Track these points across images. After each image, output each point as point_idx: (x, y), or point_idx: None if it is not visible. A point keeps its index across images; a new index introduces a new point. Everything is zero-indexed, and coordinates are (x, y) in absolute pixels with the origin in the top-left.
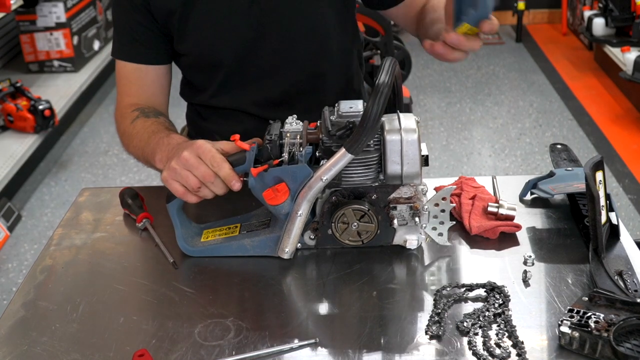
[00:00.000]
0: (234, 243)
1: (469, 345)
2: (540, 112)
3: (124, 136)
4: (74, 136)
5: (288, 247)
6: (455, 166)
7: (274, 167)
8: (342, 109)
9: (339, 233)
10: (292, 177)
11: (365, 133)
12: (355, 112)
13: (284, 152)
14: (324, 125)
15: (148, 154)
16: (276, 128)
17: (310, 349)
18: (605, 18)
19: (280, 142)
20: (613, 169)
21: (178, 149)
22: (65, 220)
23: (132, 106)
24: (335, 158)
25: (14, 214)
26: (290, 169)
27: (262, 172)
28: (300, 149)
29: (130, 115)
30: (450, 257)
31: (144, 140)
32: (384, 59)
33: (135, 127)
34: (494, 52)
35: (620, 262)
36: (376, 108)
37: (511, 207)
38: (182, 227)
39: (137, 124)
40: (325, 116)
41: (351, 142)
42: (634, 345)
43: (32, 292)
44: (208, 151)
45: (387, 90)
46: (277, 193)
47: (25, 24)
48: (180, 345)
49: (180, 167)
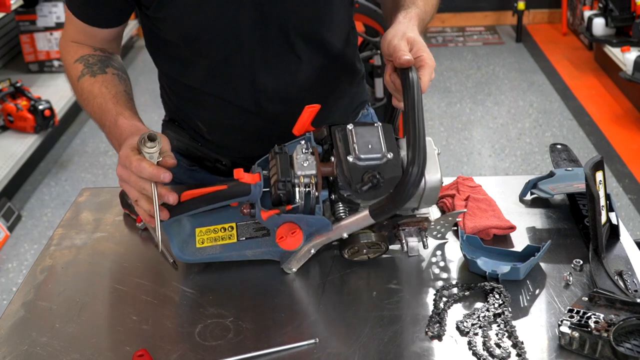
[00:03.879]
0: (234, 254)
1: (469, 345)
2: (540, 112)
3: (72, 87)
4: (74, 136)
5: (295, 267)
6: (455, 166)
7: (288, 213)
8: (361, 150)
9: (347, 255)
10: (307, 223)
11: (394, 208)
12: (376, 159)
13: (297, 197)
14: (341, 169)
15: (106, 134)
16: (284, 162)
17: (310, 349)
18: (605, 18)
19: (292, 182)
20: (613, 169)
21: (119, 157)
22: (65, 220)
23: (77, 50)
24: (358, 217)
25: (14, 214)
26: (308, 219)
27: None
28: (315, 193)
29: (75, 69)
30: (449, 257)
31: (95, 113)
32: (407, 135)
33: (82, 87)
34: (494, 52)
35: (620, 262)
36: (409, 192)
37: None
38: (176, 236)
39: (83, 84)
40: (340, 155)
41: (378, 212)
42: (634, 345)
43: (32, 292)
44: (125, 158)
45: (420, 178)
46: (292, 238)
47: (25, 24)
48: (180, 345)
49: (121, 181)
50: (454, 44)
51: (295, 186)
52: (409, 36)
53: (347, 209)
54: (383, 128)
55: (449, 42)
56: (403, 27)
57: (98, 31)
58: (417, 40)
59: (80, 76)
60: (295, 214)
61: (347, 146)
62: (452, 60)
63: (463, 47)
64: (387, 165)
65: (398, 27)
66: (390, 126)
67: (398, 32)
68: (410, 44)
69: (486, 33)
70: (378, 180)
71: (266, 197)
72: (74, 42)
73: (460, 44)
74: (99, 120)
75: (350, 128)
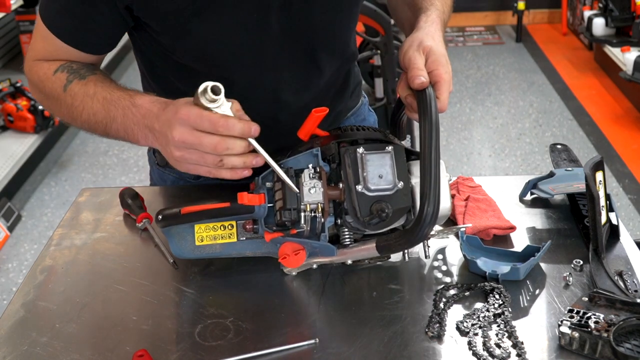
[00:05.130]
0: (234, 254)
1: (469, 346)
2: (540, 112)
3: (55, 102)
4: (74, 136)
5: (295, 271)
6: (456, 166)
7: (292, 236)
8: (370, 180)
9: (349, 262)
10: (311, 247)
11: (403, 248)
12: (386, 189)
13: (303, 222)
14: (349, 197)
15: (117, 131)
16: (292, 193)
17: (310, 349)
18: (605, 18)
19: (297, 209)
20: (613, 169)
21: (162, 127)
22: (65, 220)
23: (52, 64)
24: (363, 248)
25: (14, 214)
26: (312, 244)
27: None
28: (321, 219)
29: (58, 79)
30: (450, 257)
31: (97, 112)
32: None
33: (73, 93)
34: (494, 52)
35: (620, 262)
36: (422, 234)
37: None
38: (175, 233)
39: (73, 89)
40: (349, 183)
41: (385, 248)
42: (634, 345)
43: (32, 292)
44: (199, 117)
45: (434, 218)
46: (295, 258)
47: (25, 24)
48: (180, 345)
49: (184, 152)
50: (453, 44)
51: (301, 212)
52: (425, 45)
53: (352, 234)
54: (395, 153)
55: (449, 42)
56: (421, 35)
57: (84, 56)
58: (434, 50)
59: (66, 84)
60: (300, 238)
61: (356, 174)
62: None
63: (463, 47)
64: (396, 196)
65: (416, 34)
66: (403, 149)
67: (415, 41)
68: (426, 54)
69: (486, 33)
70: (387, 214)
71: (270, 213)
72: (47, 60)
73: (460, 44)
74: (103, 117)
75: (361, 152)
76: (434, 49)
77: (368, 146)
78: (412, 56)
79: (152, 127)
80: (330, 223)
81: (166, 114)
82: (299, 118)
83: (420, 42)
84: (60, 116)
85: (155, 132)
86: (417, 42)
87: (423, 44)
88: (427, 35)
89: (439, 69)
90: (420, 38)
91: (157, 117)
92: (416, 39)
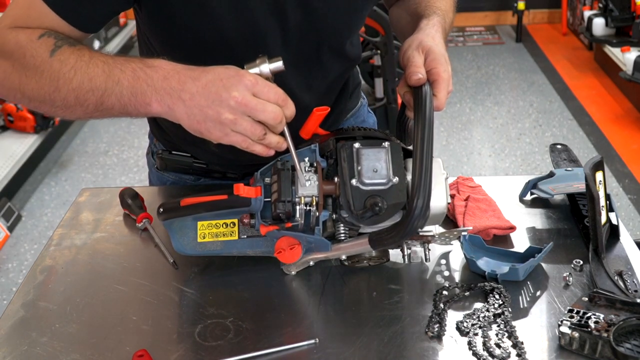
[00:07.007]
0: (235, 252)
1: (469, 346)
2: (540, 112)
3: (32, 72)
4: (74, 136)
5: (294, 271)
6: (456, 166)
7: (287, 230)
8: (365, 174)
9: (348, 263)
10: (306, 241)
11: (395, 242)
12: (380, 184)
13: (297, 215)
14: (344, 191)
15: (119, 97)
16: (286, 180)
17: (310, 349)
18: (605, 18)
19: (292, 201)
20: (613, 169)
21: (208, 88)
22: (65, 220)
23: (35, 30)
24: (357, 243)
25: (14, 214)
26: (307, 238)
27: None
28: (316, 212)
29: (44, 43)
30: (450, 257)
31: (96, 75)
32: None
33: (63, 58)
34: (494, 52)
35: (620, 262)
36: (412, 227)
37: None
38: (177, 229)
39: (64, 53)
40: (344, 177)
41: (377, 242)
42: (634, 345)
43: (32, 292)
44: (266, 85)
45: (425, 212)
46: (291, 252)
47: None
48: (180, 345)
49: (237, 116)
50: (453, 44)
51: (295, 204)
52: (424, 45)
53: (348, 230)
54: (391, 148)
55: (448, 42)
56: (421, 35)
57: (68, 30)
58: (433, 50)
59: (54, 49)
60: (295, 231)
61: (351, 168)
62: (452, 60)
63: (463, 47)
64: (391, 191)
65: (416, 34)
66: (399, 145)
67: (414, 41)
68: (425, 53)
69: (486, 33)
70: (380, 208)
71: (267, 207)
72: (26, 27)
73: (460, 44)
74: (102, 81)
75: (357, 147)
76: (433, 48)
77: (364, 142)
78: (411, 55)
79: (182, 89)
80: (325, 217)
81: (217, 75)
82: (300, 118)
83: (420, 41)
84: (36, 90)
85: (186, 93)
86: (417, 41)
87: (423, 44)
88: (428, 35)
89: (437, 67)
90: (420, 38)
91: (194, 78)
92: (416, 39)
